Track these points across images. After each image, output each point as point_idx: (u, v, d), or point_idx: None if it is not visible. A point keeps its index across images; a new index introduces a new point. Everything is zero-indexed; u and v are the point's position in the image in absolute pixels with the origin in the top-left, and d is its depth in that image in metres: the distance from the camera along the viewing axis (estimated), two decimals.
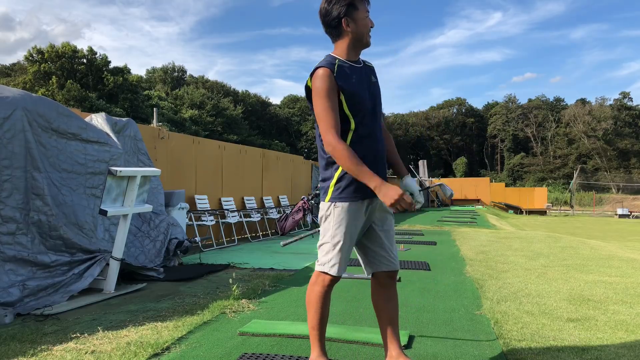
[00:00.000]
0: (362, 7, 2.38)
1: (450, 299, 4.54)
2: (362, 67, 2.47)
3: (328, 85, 2.29)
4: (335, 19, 2.36)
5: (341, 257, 2.42)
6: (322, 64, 2.35)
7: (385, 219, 2.53)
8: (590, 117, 61.52)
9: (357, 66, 2.44)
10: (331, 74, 2.31)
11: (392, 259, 2.52)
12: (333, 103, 2.30)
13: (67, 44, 38.50)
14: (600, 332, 3.46)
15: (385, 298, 2.54)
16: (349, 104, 2.34)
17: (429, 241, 9.62)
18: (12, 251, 4.23)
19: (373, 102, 2.45)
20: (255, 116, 57.63)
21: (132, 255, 5.60)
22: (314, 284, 2.50)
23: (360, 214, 2.42)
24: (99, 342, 3.17)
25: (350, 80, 2.36)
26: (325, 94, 2.29)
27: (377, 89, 2.52)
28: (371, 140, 2.40)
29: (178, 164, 8.64)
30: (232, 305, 4.15)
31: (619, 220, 30.42)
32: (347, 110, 2.34)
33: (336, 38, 2.44)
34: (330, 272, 2.43)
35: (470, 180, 39.12)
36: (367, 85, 2.44)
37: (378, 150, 2.44)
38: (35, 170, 4.55)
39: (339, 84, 2.32)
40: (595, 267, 6.45)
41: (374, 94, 2.47)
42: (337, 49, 2.45)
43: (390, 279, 2.55)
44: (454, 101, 76.43)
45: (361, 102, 2.37)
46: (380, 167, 2.45)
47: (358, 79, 2.40)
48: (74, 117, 5.21)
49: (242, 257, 7.38)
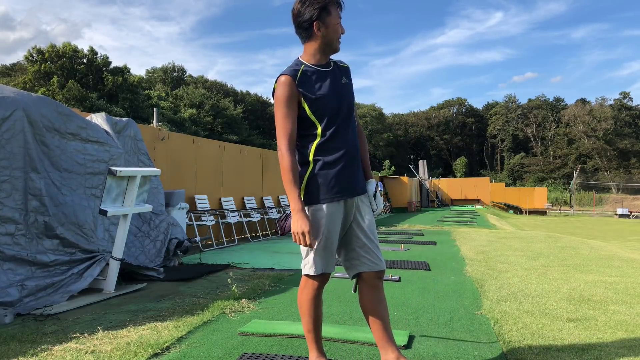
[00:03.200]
0: (335, 13, 2.38)
1: (450, 299, 4.54)
2: (330, 70, 2.46)
3: (287, 93, 2.31)
4: (307, 21, 2.36)
5: (318, 257, 2.40)
6: (286, 72, 2.36)
7: (365, 218, 2.49)
8: (591, 117, 61.53)
9: (323, 70, 2.43)
10: (292, 81, 2.33)
11: (374, 259, 2.46)
12: (290, 111, 2.32)
13: (68, 43, 38.53)
14: (600, 332, 3.46)
15: (373, 300, 2.46)
16: (312, 110, 2.35)
17: (429, 241, 9.62)
18: (11, 251, 4.22)
19: (340, 104, 2.43)
20: (255, 116, 57.64)
21: (132, 255, 5.60)
22: (302, 288, 2.50)
23: (337, 214, 2.41)
24: (99, 342, 3.16)
25: (314, 86, 2.37)
26: (284, 101, 2.32)
27: (348, 90, 2.51)
28: (340, 143, 2.40)
29: (178, 164, 8.64)
30: (232, 305, 4.15)
31: (618, 220, 30.43)
32: (311, 116, 2.36)
33: (306, 40, 2.43)
34: (309, 272, 2.43)
35: (470, 180, 39.12)
36: (335, 88, 2.43)
37: (348, 153, 2.42)
38: (33, 171, 4.54)
39: (300, 91, 2.34)
40: (595, 267, 6.45)
41: (343, 96, 2.45)
42: (305, 52, 2.45)
43: (377, 280, 2.48)
44: (454, 101, 76.42)
45: (326, 107, 2.37)
46: (352, 169, 2.44)
47: (323, 83, 2.40)
48: (74, 117, 5.21)
49: (242, 257, 7.38)
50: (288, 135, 2.32)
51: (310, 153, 2.39)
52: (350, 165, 2.42)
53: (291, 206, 2.30)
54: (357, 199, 2.48)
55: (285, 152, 2.30)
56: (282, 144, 2.32)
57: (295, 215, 2.28)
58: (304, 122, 2.38)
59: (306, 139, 2.40)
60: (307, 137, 2.40)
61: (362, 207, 2.50)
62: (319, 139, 2.38)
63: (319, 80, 2.40)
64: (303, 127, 2.39)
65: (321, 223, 2.37)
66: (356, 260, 2.47)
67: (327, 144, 2.38)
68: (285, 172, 2.29)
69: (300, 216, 2.27)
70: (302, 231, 2.26)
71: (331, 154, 2.37)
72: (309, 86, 2.37)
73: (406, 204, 26.83)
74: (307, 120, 2.37)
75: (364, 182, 2.55)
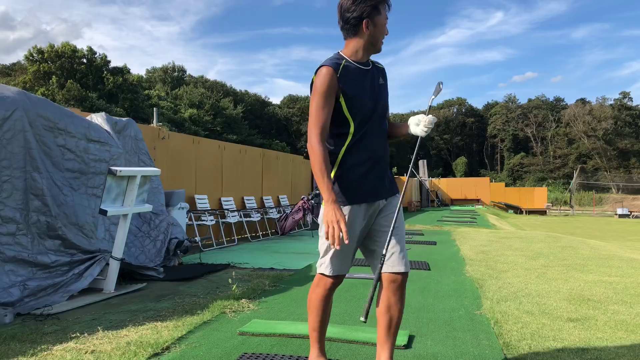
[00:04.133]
0: (384, 13, 2.36)
1: (450, 299, 4.54)
2: (369, 69, 2.42)
3: (328, 85, 2.26)
4: (357, 18, 2.32)
5: (335, 257, 2.39)
6: (327, 63, 2.31)
7: (390, 218, 2.43)
8: (591, 117, 61.53)
9: (364, 68, 2.40)
10: (334, 74, 2.28)
11: (393, 260, 2.39)
12: (327, 103, 2.27)
13: (67, 43, 38.50)
14: (600, 332, 3.46)
15: (387, 303, 2.41)
16: (348, 106, 2.31)
17: (429, 241, 9.62)
18: (12, 252, 4.22)
19: (375, 105, 2.39)
20: (254, 115, 57.64)
21: (132, 255, 5.60)
22: (315, 286, 2.48)
23: (358, 218, 2.38)
24: (99, 342, 3.16)
25: (353, 82, 2.33)
26: (322, 92, 2.26)
27: (384, 91, 2.47)
28: (367, 146, 2.36)
29: (178, 163, 8.64)
30: (232, 305, 4.15)
31: (618, 220, 30.43)
32: (346, 112, 2.31)
33: (351, 36, 2.38)
34: (324, 272, 2.42)
35: (470, 180, 39.13)
36: (372, 88, 2.39)
37: (377, 155, 2.40)
38: (35, 171, 4.54)
39: (340, 86, 2.29)
40: (595, 267, 6.45)
41: (378, 97, 2.42)
42: (347, 48, 2.40)
43: (394, 282, 2.40)
44: (454, 101, 76.43)
45: (362, 106, 2.33)
46: (378, 172, 2.41)
47: (362, 82, 2.36)
48: (75, 117, 5.21)
49: (242, 257, 7.38)
50: (321, 126, 2.26)
51: (340, 153, 2.35)
52: (375, 169, 2.38)
53: (324, 197, 2.22)
54: (381, 201, 2.44)
55: (316, 144, 2.24)
56: (314, 135, 2.26)
57: (329, 205, 2.20)
58: (337, 117, 2.33)
59: (338, 137, 2.35)
60: (338, 135, 2.35)
61: (386, 208, 2.46)
62: (350, 138, 2.34)
63: (359, 78, 2.36)
64: (336, 123, 2.33)
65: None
66: (375, 260, 2.45)
67: (356, 146, 2.34)
68: (316, 164, 2.23)
69: (335, 207, 2.19)
70: (337, 219, 2.16)
71: (358, 156, 2.34)
72: (349, 82, 2.32)
73: (406, 203, 26.86)
74: (341, 116, 2.32)
75: (390, 186, 2.48)
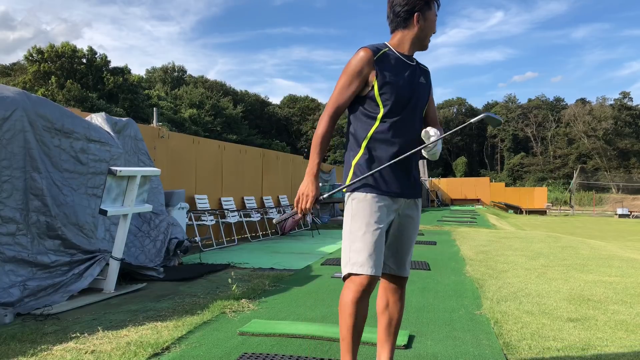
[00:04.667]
0: (434, 9, 2.32)
1: (450, 299, 4.54)
2: (413, 65, 2.34)
3: (359, 66, 2.21)
4: (408, 11, 2.26)
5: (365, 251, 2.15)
6: (368, 46, 2.26)
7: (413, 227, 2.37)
8: (591, 117, 61.53)
9: (406, 61, 2.31)
10: (371, 57, 2.21)
11: (402, 265, 2.36)
12: (352, 84, 2.22)
13: (67, 43, 38.49)
14: (600, 332, 3.46)
15: (386, 303, 2.40)
16: (381, 91, 2.21)
17: (429, 241, 9.62)
18: (12, 252, 4.22)
19: (411, 97, 2.27)
20: (254, 115, 57.65)
21: (132, 255, 5.60)
22: (345, 289, 2.22)
23: (383, 210, 2.22)
24: (99, 342, 3.17)
25: (391, 69, 2.24)
26: (351, 72, 2.22)
27: (424, 90, 2.36)
28: (398, 137, 2.24)
29: (178, 164, 8.64)
30: (232, 305, 4.15)
31: (619, 220, 30.42)
32: (377, 96, 2.22)
33: (399, 28, 2.31)
34: (354, 271, 2.16)
35: (470, 180, 39.13)
36: (410, 81, 2.29)
37: (407, 145, 2.25)
38: (35, 171, 4.54)
39: (376, 68, 2.21)
40: (595, 267, 6.45)
41: (416, 92, 2.30)
42: (393, 39, 2.33)
43: (394, 284, 2.39)
44: (454, 101, 76.45)
45: (395, 93, 2.22)
46: (403, 168, 2.27)
47: (400, 71, 2.26)
48: (75, 117, 5.21)
49: (242, 257, 7.38)
50: (338, 105, 2.23)
51: (366, 138, 2.25)
52: (403, 162, 2.26)
53: (307, 169, 2.22)
54: (403, 201, 2.31)
55: (326, 119, 2.23)
56: (326, 112, 2.25)
57: (307, 178, 2.21)
58: (369, 101, 2.24)
59: (366, 120, 2.25)
60: (367, 119, 2.25)
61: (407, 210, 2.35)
62: (377, 123, 2.24)
63: (398, 67, 2.27)
64: (368, 104, 2.25)
65: (366, 213, 2.20)
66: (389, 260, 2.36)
67: (385, 134, 2.23)
68: (316, 137, 2.23)
69: (311, 180, 2.20)
70: (306, 193, 2.17)
71: (386, 145, 2.23)
72: (387, 67, 2.23)
73: None
74: (373, 99, 2.24)
75: (415, 186, 2.36)
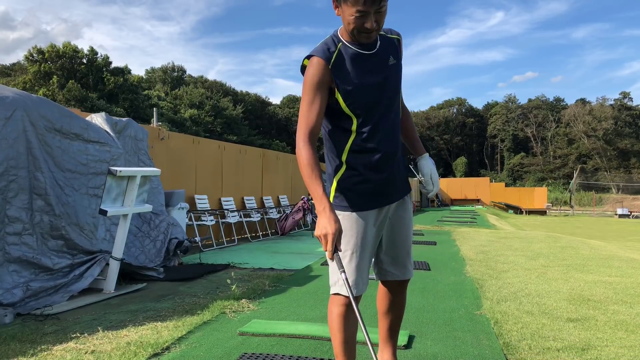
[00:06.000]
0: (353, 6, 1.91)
1: (450, 299, 4.54)
2: (373, 53, 2.05)
3: (318, 78, 1.97)
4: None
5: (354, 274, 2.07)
6: (318, 52, 2.00)
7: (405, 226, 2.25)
8: (591, 117, 61.52)
9: (364, 52, 2.04)
10: (325, 66, 1.98)
11: (397, 267, 2.26)
12: (317, 99, 1.98)
13: (68, 43, 38.51)
14: (600, 332, 3.46)
15: (388, 304, 2.35)
16: (347, 102, 2.01)
17: (429, 241, 9.62)
18: (18, 252, 4.24)
19: (382, 96, 2.06)
20: (254, 115, 57.64)
21: (132, 255, 5.60)
22: (330, 304, 2.15)
23: (369, 225, 2.11)
24: (99, 342, 3.17)
25: (350, 73, 2.01)
26: (311, 87, 1.98)
27: (394, 73, 2.11)
28: (377, 143, 2.07)
29: (178, 164, 8.64)
30: (232, 305, 4.15)
31: (619, 220, 30.42)
32: (345, 109, 2.03)
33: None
34: (341, 292, 2.07)
35: (470, 180, 39.15)
36: (377, 76, 2.05)
37: (389, 152, 2.10)
38: (37, 171, 4.55)
39: (334, 79, 1.99)
40: (595, 267, 6.45)
41: (386, 85, 2.07)
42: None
43: (398, 288, 2.33)
44: (454, 101, 76.47)
45: (363, 100, 2.02)
46: (389, 171, 2.13)
47: (362, 71, 2.03)
48: (75, 118, 5.21)
49: (242, 257, 7.38)
50: (309, 127, 1.97)
51: (344, 152, 2.07)
52: (386, 168, 2.10)
53: (316, 206, 1.93)
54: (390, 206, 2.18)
55: (303, 146, 1.96)
56: (300, 136, 1.98)
57: (320, 215, 1.91)
58: (339, 113, 2.05)
59: (341, 134, 2.07)
60: (342, 133, 2.07)
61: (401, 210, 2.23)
62: (353, 136, 2.05)
63: (358, 65, 2.02)
64: (339, 118, 2.06)
65: (352, 233, 2.07)
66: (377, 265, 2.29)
67: (363, 144, 2.05)
68: (304, 168, 1.95)
69: (324, 215, 1.89)
70: (324, 233, 1.87)
71: (366, 155, 2.06)
72: (345, 73, 2.00)
73: None
74: (342, 112, 2.04)
75: (402, 186, 2.22)
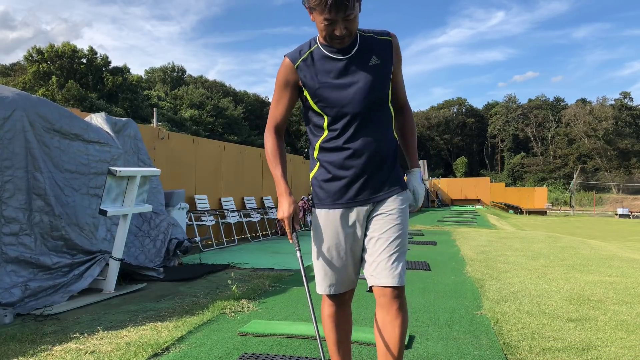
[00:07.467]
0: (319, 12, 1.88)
1: (450, 299, 4.54)
2: (348, 57, 2.01)
3: (284, 78, 2.08)
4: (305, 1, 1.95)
5: (323, 272, 2.11)
6: (289, 54, 2.08)
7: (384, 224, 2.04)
8: (591, 117, 61.51)
9: (337, 57, 2.01)
10: (290, 66, 2.05)
11: (379, 271, 1.98)
12: (282, 97, 2.12)
13: (67, 43, 38.52)
14: (600, 332, 3.46)
15: (380, 322, 2.00)
16: (314, 100, 2.04)
17: (429, 241, 9.62)
18: (15, 252, 4.23)
19: (354, 92, 2.00)
20: (255, 115, 57.63)
21: (132, 255, 5.60)
22: (321, 307, 2.23)
23: (337, 223, 2.06)
24: (99, 342, 3.17)
25: (318, 73, 2.01)
26: (278, 85, 2.12)
27: (375, 72, 2.02)
28: (354, 140, 2.00)
29: (178, 164, 8.64)
30: (232, 305, 4.15)
31: (619, 220, 30.41)
32: (314, 106, 2.06)
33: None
34: (318, 291, 2.14)
35: (470, 180, 39.13)
36: (352, 73, 2.00)
37: (367, 152, 2.01)
38: (37, 171, 4.55)
39: (300, 78, 2.05)
40: (595, 267, 6.45)
41: (362, 82, 2.00)
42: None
43: (382, 297, 1.98)
44: (454, 101, 76.48)
45: (330, 100, 2.00)
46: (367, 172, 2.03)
47: (331, 72, 2.01)
48: (74, 118, 5.21)
49: (242, 257, 7.38)
50: (275, 121, 2.16)
51: (316, 149, 2.10)
52: (363, 169, 2.02)
53: (277, 190, 2.12)
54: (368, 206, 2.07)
55: (268, 136, 2.17)
56: (267, 129, 2.19)
57: (279, 198, 2.09)
58: (312, 111, 2.08)
59: (315, 131, 2.11)
60: (316, 130, 2.10)
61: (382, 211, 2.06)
62: (325, 133, 2.06)
63: (327, 66, 2.02)
64: (314, 115, 2.08)
65: (320, 230, 2.09)
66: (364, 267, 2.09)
67: (333, 142, 2.03)
68: (267, 154, 2.15)
69: (281, 199, 2.07)
70: (281, 216, 2.05)
71: (335, 153, 2.03)
72: (312, 73, 2.02)
73: None
74: (313, 109, 2.07)
75: (385, 186, 2.07)
